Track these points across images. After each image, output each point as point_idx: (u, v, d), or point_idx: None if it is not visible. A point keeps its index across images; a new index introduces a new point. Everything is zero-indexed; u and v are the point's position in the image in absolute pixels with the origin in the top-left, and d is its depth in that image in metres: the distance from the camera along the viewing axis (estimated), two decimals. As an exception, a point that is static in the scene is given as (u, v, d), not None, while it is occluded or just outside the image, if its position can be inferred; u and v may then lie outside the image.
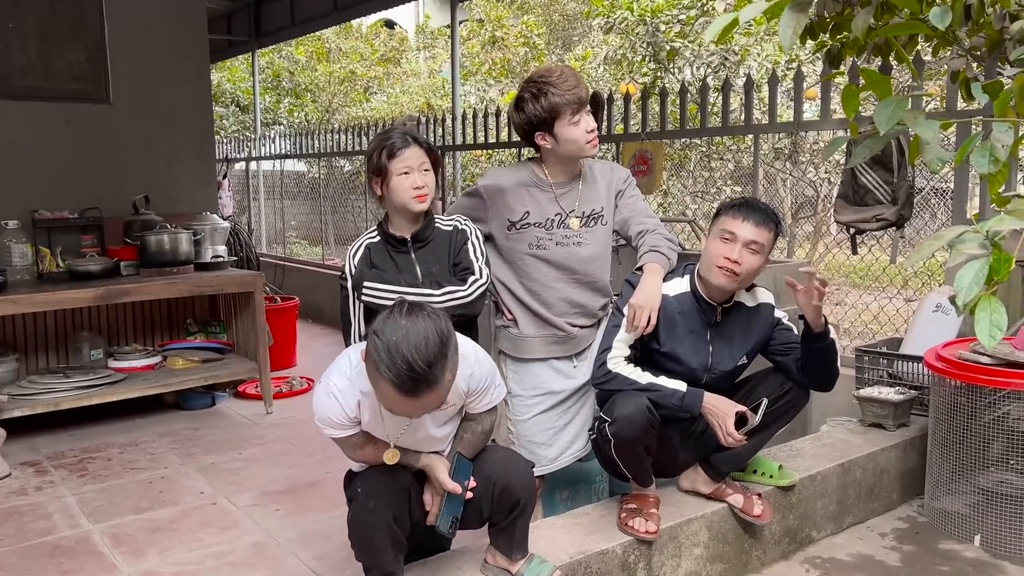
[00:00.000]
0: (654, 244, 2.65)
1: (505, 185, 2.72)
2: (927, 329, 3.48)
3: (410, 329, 1.85)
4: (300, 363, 6.04)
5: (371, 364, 1.87)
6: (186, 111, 5.59)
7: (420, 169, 2.46)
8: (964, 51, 3.00)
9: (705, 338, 2.61)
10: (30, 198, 4.86)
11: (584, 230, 2.73)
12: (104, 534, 3.25)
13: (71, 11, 5.03)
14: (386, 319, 1.88)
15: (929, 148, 1.70)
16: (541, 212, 2.71)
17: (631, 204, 2.80)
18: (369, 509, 2.07)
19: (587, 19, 11.71)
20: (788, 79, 4.99)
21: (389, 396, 1.88)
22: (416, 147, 2.47)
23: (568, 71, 2.60)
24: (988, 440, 2.90)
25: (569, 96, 2.55)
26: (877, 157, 3.67)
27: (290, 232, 10.96)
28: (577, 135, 2.61)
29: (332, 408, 2.06)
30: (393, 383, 1.83)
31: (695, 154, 8.63)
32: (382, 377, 1.84)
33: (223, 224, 5.37)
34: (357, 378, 2.05)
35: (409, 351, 1.82)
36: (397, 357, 1.82)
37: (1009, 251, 1.43)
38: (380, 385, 1.87)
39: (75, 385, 4.34)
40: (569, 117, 2.58)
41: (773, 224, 2.52)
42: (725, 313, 2.62)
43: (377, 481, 2.13)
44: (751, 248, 2.48)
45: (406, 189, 2.45)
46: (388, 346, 1.83)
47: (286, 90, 15.26)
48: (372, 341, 1.87)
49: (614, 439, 2.46)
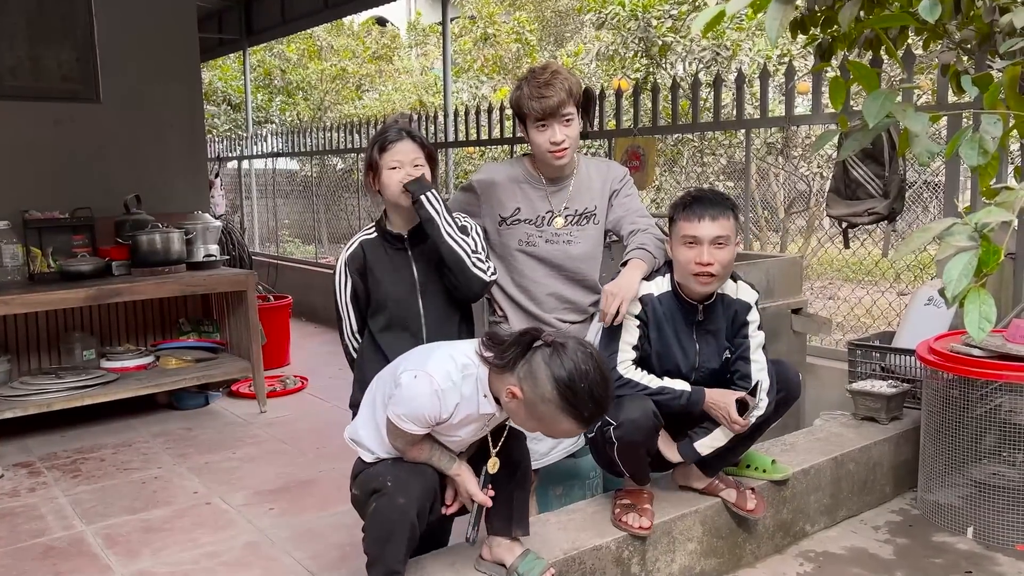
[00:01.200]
0: (641, 242, 2.64)
1: (498, 180, 2.72)
2: (919, 322, 3.48)
3: (592, 371, 1.95)
4: (293, 362, 6.04)
5: (548, 404, 1.94)
6: (177, 110, 5.57)
7: (411, 164, 2.45)
8: (954, 44, 3.01)
9: (691, 337, 2.60)
10: (20, 198, 4.83)
11: (575, 228, 2.73)
12: (98, 535, 3.24)
13: (60, 10, 5.00)
14: (561, 359, 1.94)
15: (918, 141, 1.70)
16: (532, 209, 2.70)
17: (625, 204, 2.80)
18: (398, 505, 2.07)
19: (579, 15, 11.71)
20: (780, 74, 4.99)
21: (568, 429, 1.99)
22: (409, 141, 2.47)
23: (557, 79, 2.56)
24: (980, 432, 2.91)
25: (535, 104, 2.55)
26: (868, 151, 3.68)
27: (283, 231, 10.93)
28: (540, 141, 2.61)
29: (431, 407, 2.04)
30: (579, 419, 1.95)
31: (688, 149, 8.64)
32: (565, 415, 1.94)
33: (215, 223, 5.35)
34: (462, 381, 2.06)
35: (594, 388, 1.94)
36: (589, 402, 1.93)
37: (998, 243, 1.43)
38: (562, 424, 1.97)
39: (68, 386, 4.32)
40: (534, 122, 2.59)
41: (729, 210, 2.48)
42: (707, 310, 2.60)
43: (408, 479, 2.12)
44: (717, 244, 2.45)
45: (395, 184, 2.44)
46: (583, 392, 1.93)
47: (278, 88, 15.22)
48: (555, 384, 1.92)
49: (618, 442, 2.46)
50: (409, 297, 2.51)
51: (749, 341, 2.61)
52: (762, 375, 2.58)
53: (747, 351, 2.60)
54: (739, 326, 2.62)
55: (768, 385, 2.58)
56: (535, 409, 1.97)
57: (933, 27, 2.60)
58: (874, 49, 3.31)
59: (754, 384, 2.55)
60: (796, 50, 7.60)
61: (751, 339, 2.61)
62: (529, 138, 2.64)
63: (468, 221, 2.58)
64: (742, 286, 2.65)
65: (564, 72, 2.62)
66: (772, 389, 2.59)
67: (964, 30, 2.88)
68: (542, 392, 1.93)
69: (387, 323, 2.53)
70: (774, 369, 2.64)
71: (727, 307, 2.62)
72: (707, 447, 2.58)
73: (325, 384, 5.30)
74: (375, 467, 2.22)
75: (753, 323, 2.63)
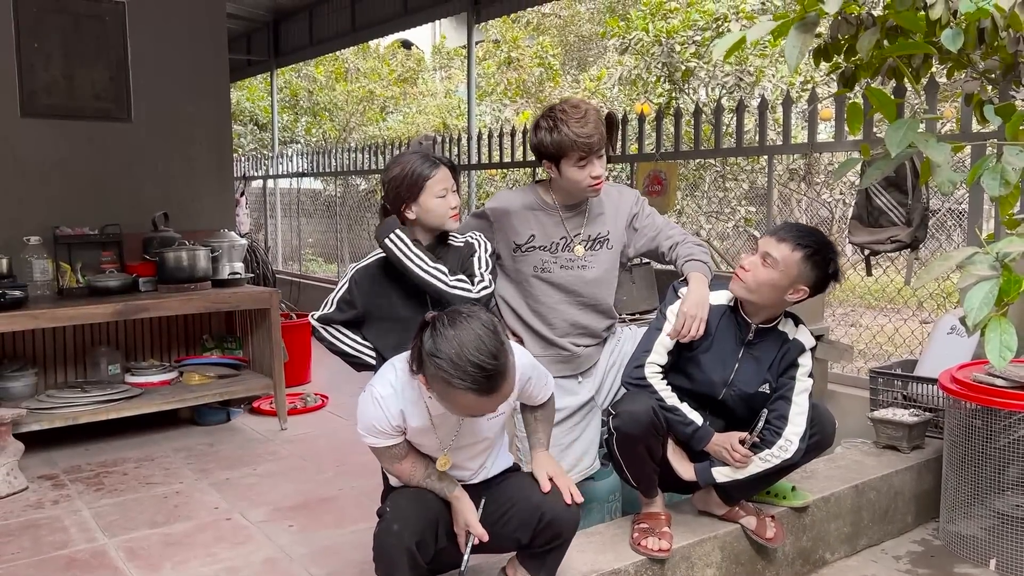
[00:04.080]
0: (689, 254, 2.68)
1: (512, 208, 2.75)
2: (942, 351, 3.46)
3: (461, 335, 1.88)
4: (315, 379, 6.07)
5: (440, 383, 1.90)
6: (205, 129, 5.66)
7: (452, 190, 2.52)
8: (978, 74, 3.01)
9: (735, 354, 2.61)
10: (52, 214, 4.93)
11: (589, 254, 2.75)
12: (119, 548, 3.27)
13: (95, 30, 5.12)
14: (433, 336, 1.91)
15: (940, 171, 1.71)
16: (546, 235, 2.73)
17: (651, 223, 2.82)
18: (393, 532, 2.07)
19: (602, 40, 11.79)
20: (803, 100, 5.00)
21: (469, 402, 1.91)
22: (445, 168, 2.53)
23: (592, 114, 2.58)
24: (1004, 463, 2.88)
25: (580, 142, 2.56)
26: (891, 179, 3.68)
27: (306, 249, 11.03)
28: (579, 178, 2.63)
29: (376, 415, 2.08)
30: (471, 389, 1.87)
31: (709, 174, 8.64)
32: (457, 389, 1.88)
33: (240, 241, 5.41)
34: (403, 387, 2.08)
35: (472, 355, 1.86)
36: (466, 366, 1.86)
37: (1020, 273, 1.43)
38: (458, 397, 1.90)
39: (93, 400, 4.38)
40: (575, 160, 2.60)
41: (796, 244, 2.45)
42: (760, 334, 2.61)
43: (406, 506, 2.14)
44: (764, 259, 2.48)
45: (445, 211, 2.50)
46: (452, 360, 1.86)
47: (304, 109, 15.41)
48: (432, 363, 1.89)
49: (616, 432, 2.49)
50: (420, 315, 2.54)
51: (795, 383, 2.58)
52: (800, 419, 2.56)
53: (790, 391, 2.58)
54: (788, 364, 2.60)
55: (802, 432, 2.56)
56: (439, 390, 1.93)
57: (957, 56, 2.61)
58: (897, 77, 3.32)
59: (756, 421, 2.55)
60: (819, 77, 7.60)
61: (798, 381, 2.59)
62: (561, 174, 2.64)
63: (480, 240, 2.62)
64: (802, 330, 2.65)
65: (592, 106, 2.64)
66: (805, 436, 2.56)
67: (988, 60, 2.89)
68: (430, 372, 1.91)
69: (398, 342, 2.55)
70: (811, 413, 2.60)
71: (781, 342, 2.61)
72: (724, 475, 2.57)
73: (346, 402, 5.33)
74: (389, 493, 2.26)
75: (804, 367, 2.61)
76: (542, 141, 2.63)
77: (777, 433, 2.54)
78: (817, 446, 2.64)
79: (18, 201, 4.88)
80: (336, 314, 2.60)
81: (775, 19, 1.86)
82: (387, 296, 2.56)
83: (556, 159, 2.62)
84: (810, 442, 2.58)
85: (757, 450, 2.53)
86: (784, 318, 2.63)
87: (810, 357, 2.62)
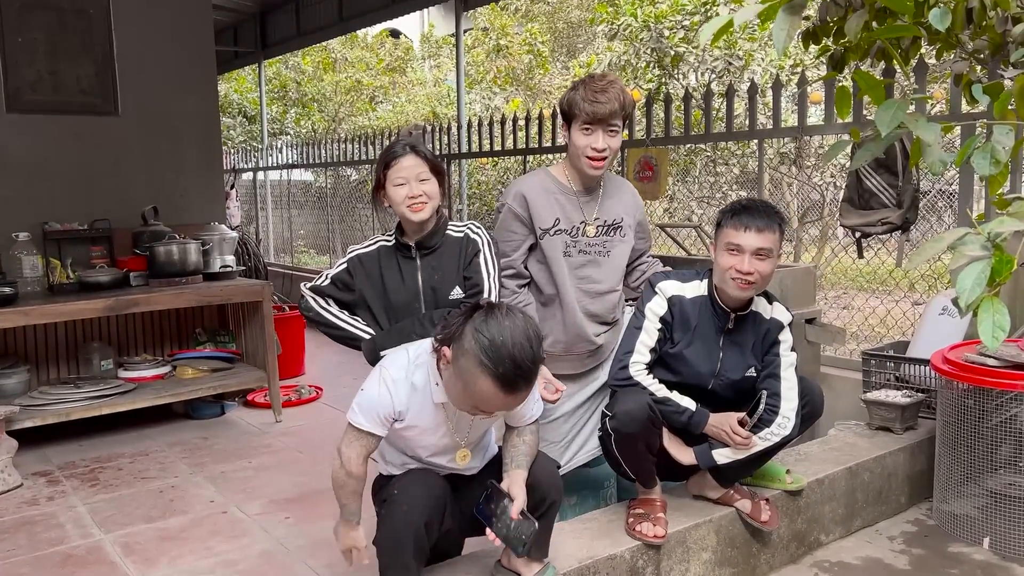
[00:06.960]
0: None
1: (534, 194, 2.73)
2: (934, 332, 3.48)
3: (513, 328, 1.89)
4: (308, 372, 6.06)
5: (469, 359, 1.89)
6: (193, 122, 5.63)
7: (417, 179, 2.49)
8: (967, 54, 3.01)
9: (717, 344, 2.62)
10: (40, 210, 4.90)
11: (605, 239, 2.76)
12: (115, 543, 3.27)
13: (80, 25, 5.08)
14: (487, 318, 1.92)
15: (930, 151, 1.71)
16: (568, 219, 2.74)
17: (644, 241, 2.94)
18: (403, 513, 2.08)
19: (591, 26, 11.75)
20: (792, 84, 4.99)
21: (484, 390, 1.90)
22: (413, 156, 2.50)
23: (613, 88, 2.60)
24: (996, 442, 2.90)
25: (587, 106, 2.59)
26: (881, 161, 3.68)
27: (297, 241, 11.00)
28: (580, 143, 2.63)
29: (382, 398, 2.07)
30: (496, 378, 1.87)
31: (700, 159, 8.64)
32: (482, 373, 1.87)
33: (231, 234, 5.40)
34: (413, 372, 2.08)
35: (514, 350, 1.87)
36: (504, 355, 1.86)
37: (1011, 253, 1.43)
38: (478, 381, 1.89)
39: (86, 395, 4.37)
40: (581, 123, 2.62)
41: (776, 224, 2.51)
42: (739, 321, 2.62)
43: (415, 488, 2.14)
44: (759, 255, 2.48)
45: (401, 199, 2.49)
46: (494, 344, 1.87)
47: (292, 100, 15.33)
48: (475, 337, 1.88)
49: (614, 434, 2.49)
50: (412, 304, 2.54)
51: (780, 359, 2.62)
52: (792, 394, 2.59)
53: (778, 368, 2.61)
54: (770, 344, 2.63)
55: (796, 406, 2.58)
56: (458, 366, 1.93)
57: (945, 37, 2.61)
58: (886, 59, 3.32)
59: (755, 400, 2.56)
60: (809, 60, 7.60)
61: (783, 358, 2.62)
62: (570, 139, 2.68)
63: (482, 235, 2.63)
64: (777, 307, 2.67)
65: (620, 84, 2.66)
66: (799, 410, 2.60)
67: (977, 40, 2.89)
68: (465, 346, 1.91)
69: (387, 329, 2.57)
70: (800, 387, 2.64)
71: (758, 324, 2.63)
72: (724, 456, 2.59)
73: (340, 394, 5.32)
74: (386, 482, 2.25)
75: (785, 343, 2.64)
76: (562, 100, 2.70)
77: (774, 411, 2.57)
78: (810, 415, 2.68)
79: (5, 198, 4.86)
80: (330, 288, 2.61)
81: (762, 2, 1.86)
82: (382, 283, 2.57)
83: (568, 121, 2.68)
84: (803, 413, 2.63)
85: (756, 430, 2.54)
86: (756, 296, 2.64)
87: (789, 332, 2.66)
